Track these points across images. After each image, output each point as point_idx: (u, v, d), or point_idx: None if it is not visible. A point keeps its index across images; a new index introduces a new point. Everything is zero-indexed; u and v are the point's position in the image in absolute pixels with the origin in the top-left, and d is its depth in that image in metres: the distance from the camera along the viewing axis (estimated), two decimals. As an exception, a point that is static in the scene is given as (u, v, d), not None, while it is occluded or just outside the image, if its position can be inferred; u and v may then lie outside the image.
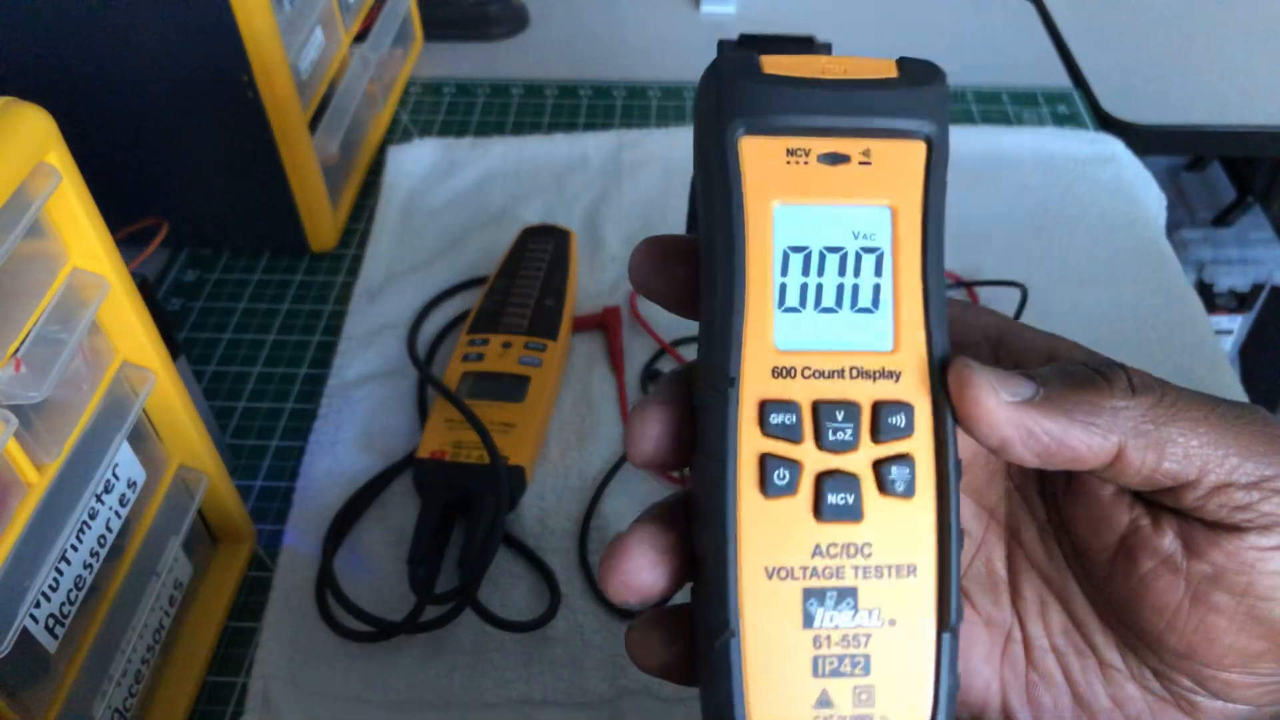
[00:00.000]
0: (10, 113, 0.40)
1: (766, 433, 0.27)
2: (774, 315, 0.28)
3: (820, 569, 0.27)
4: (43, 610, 0.43)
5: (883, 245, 0.28)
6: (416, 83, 0.99)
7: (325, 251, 0.80)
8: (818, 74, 0.28)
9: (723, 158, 0.27)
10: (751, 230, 0.28)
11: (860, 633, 0.27)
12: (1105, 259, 0.77)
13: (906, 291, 0.28)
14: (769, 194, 0.28)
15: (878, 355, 0.28)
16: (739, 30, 1.07)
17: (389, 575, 0.58)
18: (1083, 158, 0.86)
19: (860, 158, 0.28)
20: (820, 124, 0.28)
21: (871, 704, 0.27)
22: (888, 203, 0.28)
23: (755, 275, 0.28)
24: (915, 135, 0.28)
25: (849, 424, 0.28)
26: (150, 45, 0.68)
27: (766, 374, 0.28)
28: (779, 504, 0.27)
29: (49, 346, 0.42)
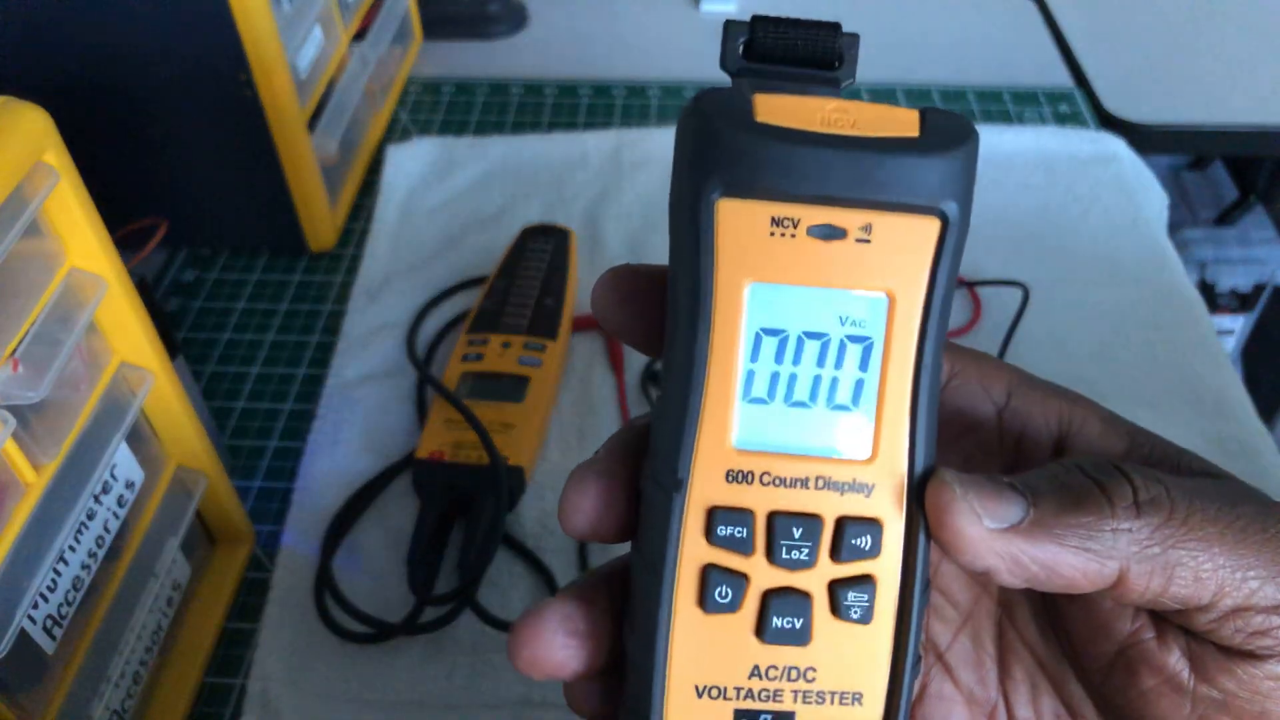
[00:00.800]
0: (8, 112, 0.40)
1: (713, 542, 0.25)
2: (736, 406, 0.24)
3: (757, 691, 0.25)
4: (40, 611, 0.43)
5: (873, 335, 0.24)
6: (416, 82, 0.99)
7: (324, 251, 0.80)
8: (821, 126, 0.23)
9: (696, 221, 0.24)
10: (720, 308, 0.24)
11: None
12: (1107, 259, 0.77)
13: (893, 390, 0.25)
14: (745, 270, 0.24)
15: (850, 464, 0.25)
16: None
17: (388, 576, 0.58)
18: (1084, 157, 0.86)
19: (858, 234, 0.24)
20: (814, 191, 0.23)
21: None
22: (885, 289, 0.24)
23: (719, 360, 0.24)
24: (928, 211, 0.23)
25: (807, 542, 0.25)
26: (149, 44, 0.68)
27: (720, 477, 0.25)
28: (718, 620, 0.25)
29: (47, 346, 0.42)
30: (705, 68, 1.00)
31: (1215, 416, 0.65)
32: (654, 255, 0.77)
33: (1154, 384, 0.67)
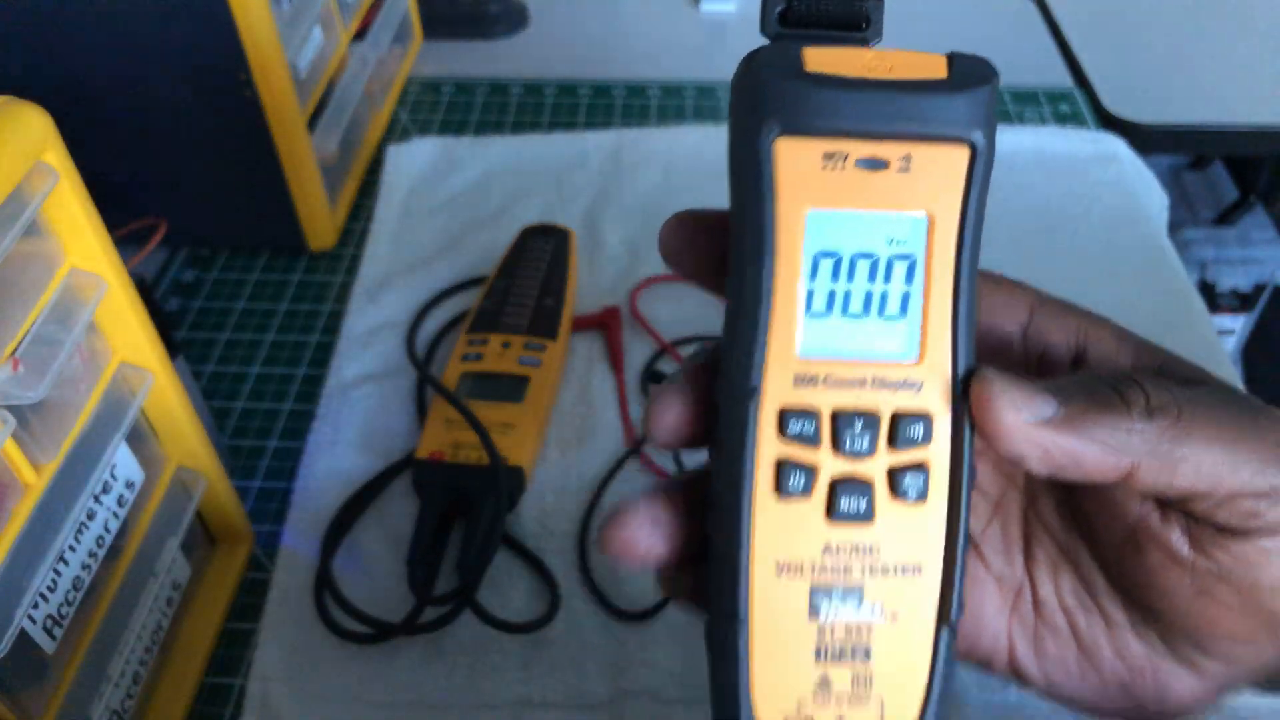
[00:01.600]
0: (8, 112, 0.40)
1: (785, 438, 0.28)
2: (800, 321, 0.28)
3: (829, 566, 0.28)
4: (40, 611, 0.43)
5: (916, 253, 0.28)
6: (415, 81, 0.99)
7: (324, 251, 0.80)
8: (862, 72, 0.27)
9: (757, 158, 0.27)
10: (782, 235, 0.27)
11: (862, 624, 0.29)
12: (1107, 258, 0.77)
13: (936, 301, 0.28)
14: (803, 199, 0.27)
15: (901, 366, 0.28)
16: (739, 30, 1.07)
17: (388, 576, 0.58)
18: (1084, 157, 0.86)
19: (899, 164, 0.27)
20: (860, 128, 0.27)
21: (869, 689, 0.29)
22: (924, 211, 0.28)
23: (783, 281, 0.27)
24: (959, 141, 0.27)
25: (867, 433, 0.28)
26: (148, 44, 0.68)
27: (789, 382, 0.28)
28: (793, 505, 0.28)
29: (46, 346, 0.42)
30: (706, 67, 1.00)
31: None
32: (654, 255, 0.76)
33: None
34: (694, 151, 0.87)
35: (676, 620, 0.56)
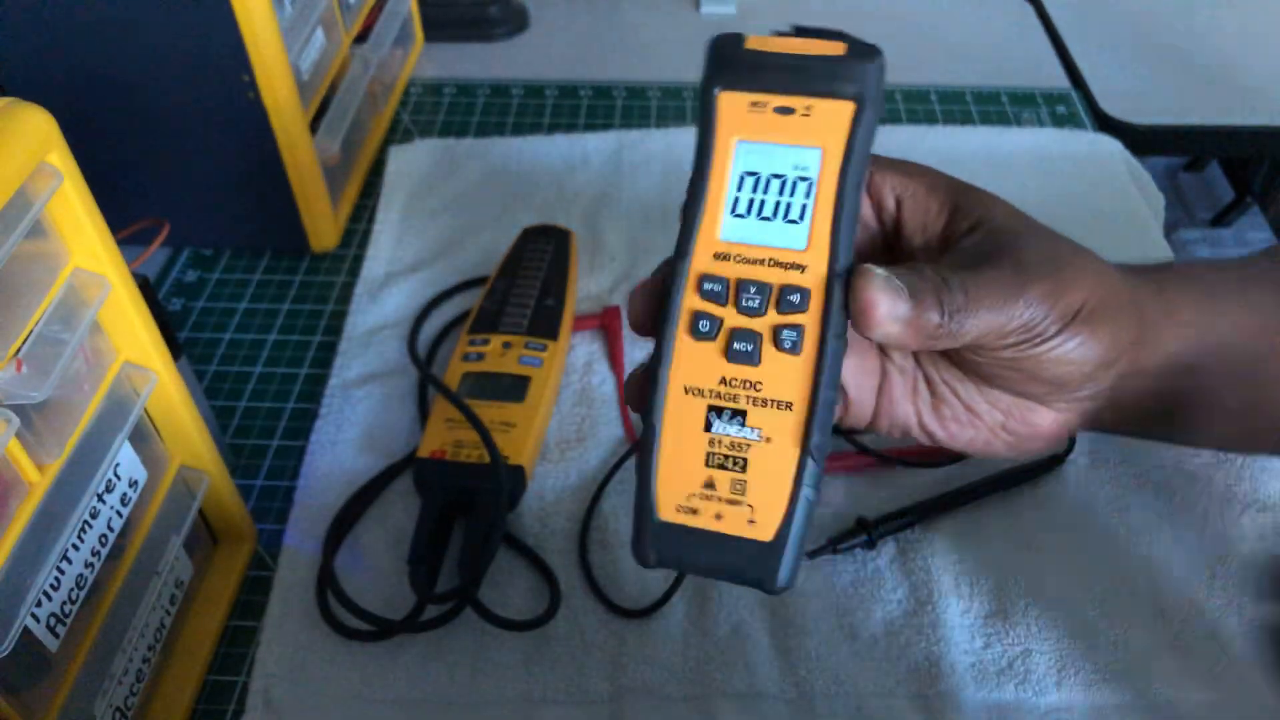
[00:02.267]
0: (12, 113, 0.40)
1: (701, 295, 0.38)
2: (723, 217, 0.38)
3: (722, 393, 0.37)
4: (44, 610, 0.43)
5: (812, 176, 0.37)
6: (417, 83, 0.99)
7: (326, 251, 0.81)
8: (784, 50, 0.37)
9: (706, 106, 0.37)
10: (718, 157, 0.38)
11: (743, 442, 0.37)
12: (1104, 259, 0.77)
13: (822, 211, 0.37)
14: (734, 133, 0.37)
15: (793, 252, 0.37)
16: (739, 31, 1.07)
17: (389, 574, 0.58)
18: (1081, 158, 0.86)
19: (803, 111, 0.37)
20: (774, 86, 0.37)
21: (743, 493, 0.37)
22: (820, 145, 0.37)
23: (715, 188, 0.38)
24: (845, 96, 0.37)
25: (759, 296, 0.37)
26: (152, 46, 0.68)
27: (710, 256, 0.38)
28: (701, 345, 0.38)
29: (50, 346, 0.42)
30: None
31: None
32: (655, 255, 0.77)
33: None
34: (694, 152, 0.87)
35: (676, 618, 0.56)
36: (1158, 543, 0.59)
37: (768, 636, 0.56)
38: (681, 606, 0.57)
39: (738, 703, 0.53)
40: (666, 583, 0.58)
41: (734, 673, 0.54)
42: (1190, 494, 0.61)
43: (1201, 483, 0.62)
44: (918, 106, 0.95)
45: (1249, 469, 0.62)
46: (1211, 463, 0.62)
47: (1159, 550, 0.59)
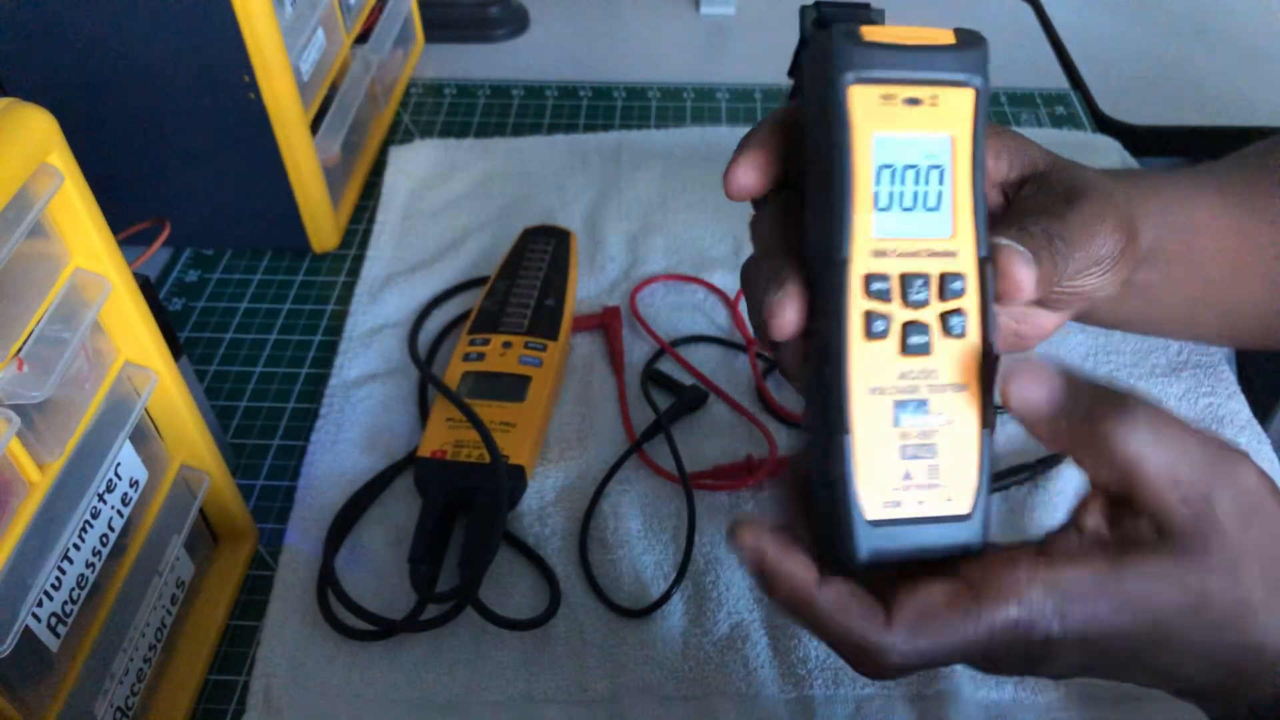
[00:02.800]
0: (13, 114, 0.40)
1: (869, 295, 0.38)
2: (873, 213, 0.38)
3: (904, 387, 0.38)
4: (45, 609, 0.44)
5: (944, 163, 0.38)
6: (417, 84, 0.99)
7: (326, 252, 0.81)
8: (901, 40, 0.37)
9: (837, 99, 0.37)
10: (858, 153, 0.37)
11: (930, 428, 0.38)
12: (1104, 259, 0.77)
13: (960, 194, 0.38)
14: (870, 126, 0.37)
15: (942, 240, 0.38)
16: (738, 33, 1.07)
17: (390, 574, 0.59)
18: (1080, 158, 0.86)
19: (930, 101, 0.38)
20: (905, 76, 0.37)
21: (938, 477, 0.38)
22: (949, 133, 0.38)
23: (860, 185, 0.37)
24: (967, 84, 0.38)
25: (925, 288, 0.38)
26: (153, 47, 0.68)
27: (869, 255, 0.38)
28: (876, 344, 0.38)
29: (51, 346, 0.42)
30: (705, 70, 1.01)
31: (1210, 418, 0.65)
32: (654, 255, 0.77)
33: (1149, 384, 0.67)
34: (694, 152, 0.87)
35: (676, 617, 0.57)
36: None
37: (766, 636, 0.56)
38: (681, 606, 0.57)
39: (737, 702, 0.53)
40: (666, 582, 0.58)
41: (733, 672, 0.54)
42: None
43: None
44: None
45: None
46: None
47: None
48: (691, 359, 0.70)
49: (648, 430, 0.65)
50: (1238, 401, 0.66)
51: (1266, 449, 0.63)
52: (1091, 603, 0.37)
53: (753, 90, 0.97)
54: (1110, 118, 0.93)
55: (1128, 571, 0.37)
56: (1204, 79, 0.98)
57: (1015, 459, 0.62)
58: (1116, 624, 0.37)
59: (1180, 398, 0.66)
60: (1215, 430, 0.64)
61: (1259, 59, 1.01)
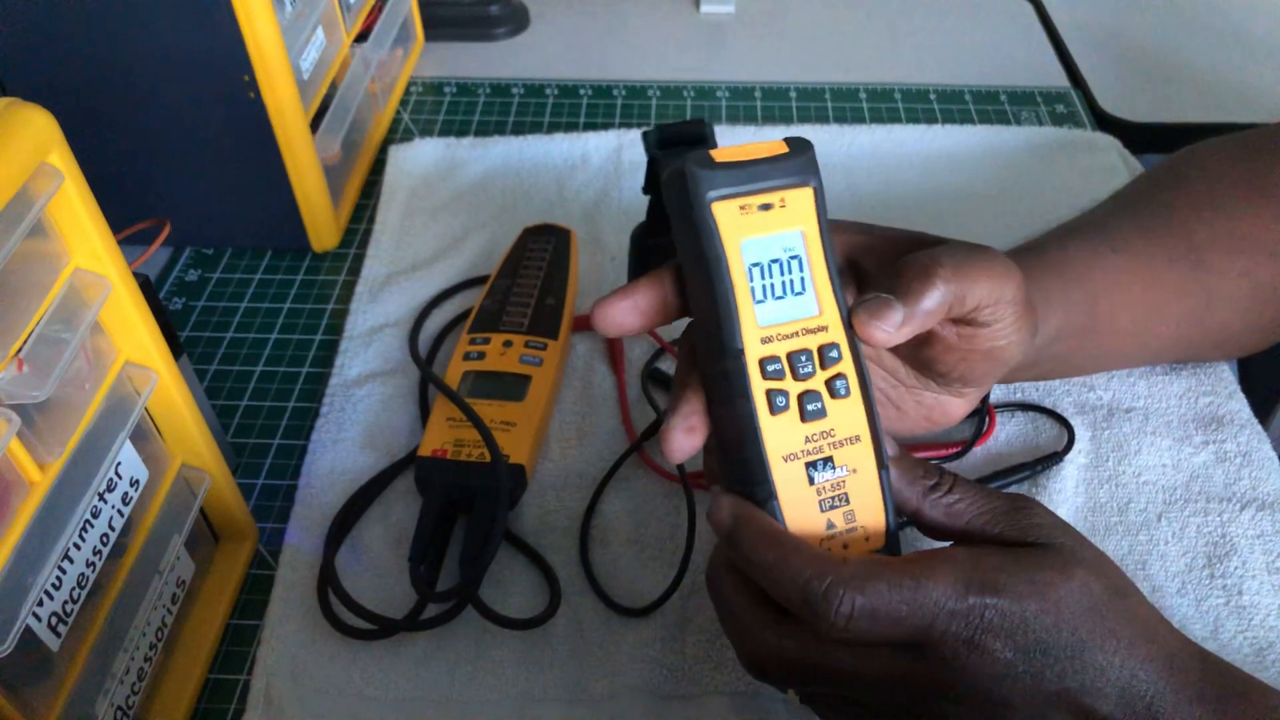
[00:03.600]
0: (12, 114, 0.40)
1: (766, 377, 0.43)
2: (754, 307, 0.43)
3: (810, 449, 0.44)
4: (45, 609, 0.44)
5: (800, 253, 0.44)
6: (418, 82, 0.99)
7: (327, 251, 0.81)
8: (745, 157, 0.43)
9: (705, 218, 0.43)
10: (731, 258, 0.43)
11: (839, 480, 0.44)
12: (1104, 257, 0.77)
13: (820, 277, 0.44)
14: (737, 235, 0.43)
15: (813, 318, 0.44)
16: (738, 32, 1.07)
17: (390, 573, 0.59)
18: (1080, 156, 0.86)
19: (779, 204, 0.43)
20: (755, 188, 0.43)
21: (854, 520, 0.44)
22: (800, 228, 0.44)
23: (739, 285, 0.43)
24: (805, 185, 0.44)
25: (809, 362, 0.44)
26: (152, 46, 0.68)
27: (758, 343, 0.43)
28: (781, 418, 0.43)
29: (51, 346, 0.42)
30: (705, 69, 1.01)
31: (1209, 418, 0.65)
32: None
33: (1148, 383, 0.67)
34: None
35: (676, 616, 0.57)
36: (1156, 541, 0.59)
37: (767, 635, 0.56)
38: (680, 605, 0.57)
39: (736, 701, 0.53)
40: (666, 582, 0.58)
41: (732, 671, 0.54)
42: (1189, 493, 0.61)
43: (1201, 481, 0.62)
44: (917, 106, 0.95)
45: (1248, 468, 0.62)
46: (1211, 461, 0.62)
47: (1158, 549, 0.59)
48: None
49: (648, 430, 0.65)
50: (1238, 401, 0.66)
51: (1266, 449, 0.63)
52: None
53: (753, 89, 0.97)
54: (1110, 115, 0.93)
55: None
56: (1204, 76, 0.98)
57: (1015, 459, 0.63)
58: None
59: (1180, 397, 0.66)
60: (1215, 430, 0.64)
61: (1259, 57, 1.01)
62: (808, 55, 1.03)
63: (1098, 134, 0.89)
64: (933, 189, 0.84)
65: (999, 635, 0.40)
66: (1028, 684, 0.40)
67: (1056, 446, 0.63)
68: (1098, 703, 0.41)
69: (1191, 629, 0.55)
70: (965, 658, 0.40)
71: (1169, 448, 0.63)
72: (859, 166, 0.85)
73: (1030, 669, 0.40)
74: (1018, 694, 0.40)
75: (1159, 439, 0.64)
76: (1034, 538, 0.43)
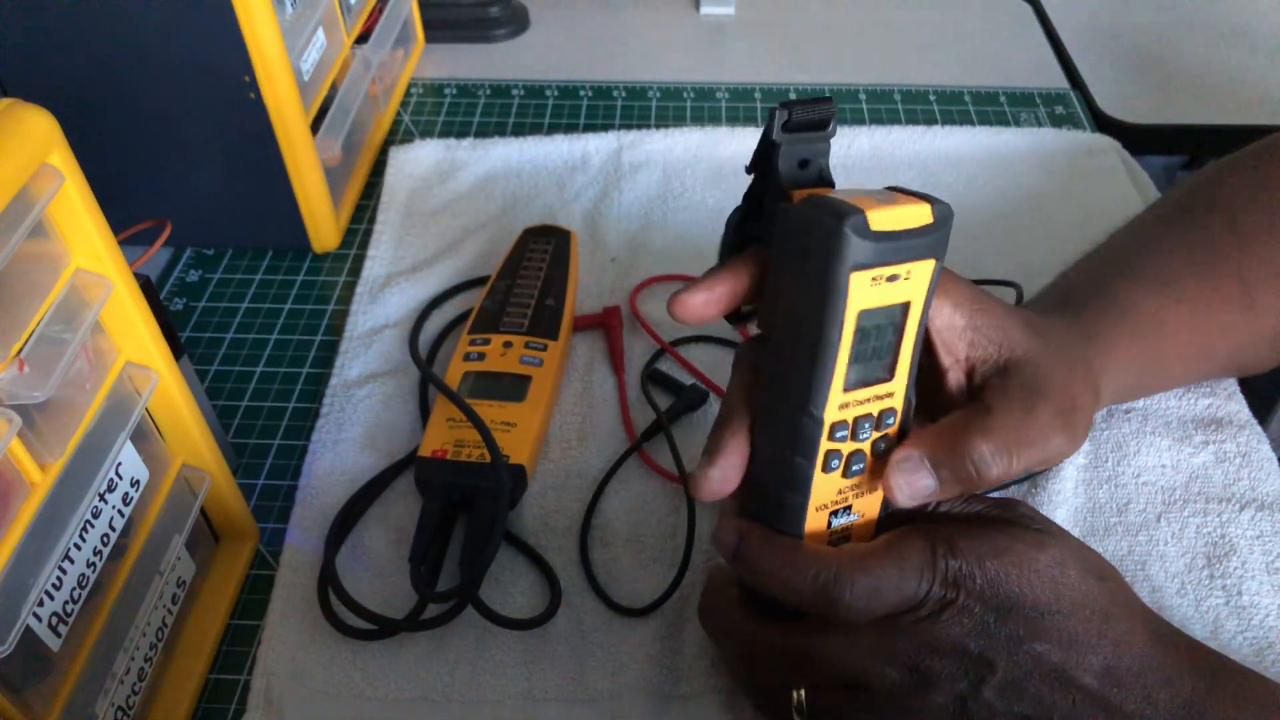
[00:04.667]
0: (13, 115, 0.40)
1: (832, 439, 0.43)
2: (844, 375, 0.42)
3: (838, 500, 0.45)
4: (46, 609, 0.44)
5: (899, 320, 0.42)
6: (418, 84, 0.99)
7: (327, 251, 0.81)
8: (897, 227, 0.40)
9: (839, 284, 0.40)
10: (846, 327, 0.41)
11: (850, 524, 0.46)
12: (1104, 258, 0.77)
13: (905, 348, 0.43)
14: (858, 304, 0.41)
15: (885, 385, 0.44)
16: (738, 33, 1.07)
17: (391, 573, 0.59)
18: (1080, 158, 0.86)
19: (905, 275, 0.41)
20: (894, 260, 0.40)
21: (850, 518, 0.46)
22: (909, 299, 0.42)
23: (841, 354, 0.41)
24: (931, 257, 0.41)
25: (869, 427, 0.44)
26: (153, 47, 0.68)
27: (837, 409, 0.43)
28: (830, 475, 0.44)
29: (52, 346, 0.42)
30: (705, 70, 1.01)
31: (1209, 419, 0.65)
32: (653, 254, 0.77)
33: (1150, 382, 0.67)
34: (693, 153, 0.87)
35: (676, 616, 0.57)
36: (1156, 541, 0.59)
37: (767, 635, 0.56)
38: (680, 605, 0.57)
39: (736, 700, 0.53)
40: (666, 582, 0.58)
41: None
42: (1189, 493, 0.61)
43: (1200, 482, 0.62)
44: (917, 106, 0.95)
45: (1248, 469, 0.62)
46: (1210, 462, 0.62)
47: (1157, 549, 0.59)
48: (691, 359, 0.70)
49: (648, 430, 0.65)
50: (1237, 402, 0.66)
51: (1266, 449, 0.63)
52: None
53: (753, 90, 0.97)
54: (1110, 117, 0.93)
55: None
56: (1204, 77, 0.98)
57: (1015, 458, 0.63)
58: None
59: (1179, 398, 0.66)
60: (1215, 431, 0.64)
61: (1259, 57, 1.01)
62: (807, 56, 1.03)
63: (1097, 135, 0.89)
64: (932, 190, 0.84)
65: (970, 594, 0.42)
66: (1003, 643, 0.42)
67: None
68: (1078, 672, 0.42)
69: (1191, 629, 0.55)
70: (941, 614, 0.43)
71: (1168, 448, 0.63)
72: (858, 168, 0.85)
73: (1005, 629, 0.42)
74: (996, 653, 0.42)
75: (1158, 439, 0.64)
76: (1016, 522, 0.46)
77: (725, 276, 0.45)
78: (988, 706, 0.42)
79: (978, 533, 0.44)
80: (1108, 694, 0.42)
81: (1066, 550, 0.44)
